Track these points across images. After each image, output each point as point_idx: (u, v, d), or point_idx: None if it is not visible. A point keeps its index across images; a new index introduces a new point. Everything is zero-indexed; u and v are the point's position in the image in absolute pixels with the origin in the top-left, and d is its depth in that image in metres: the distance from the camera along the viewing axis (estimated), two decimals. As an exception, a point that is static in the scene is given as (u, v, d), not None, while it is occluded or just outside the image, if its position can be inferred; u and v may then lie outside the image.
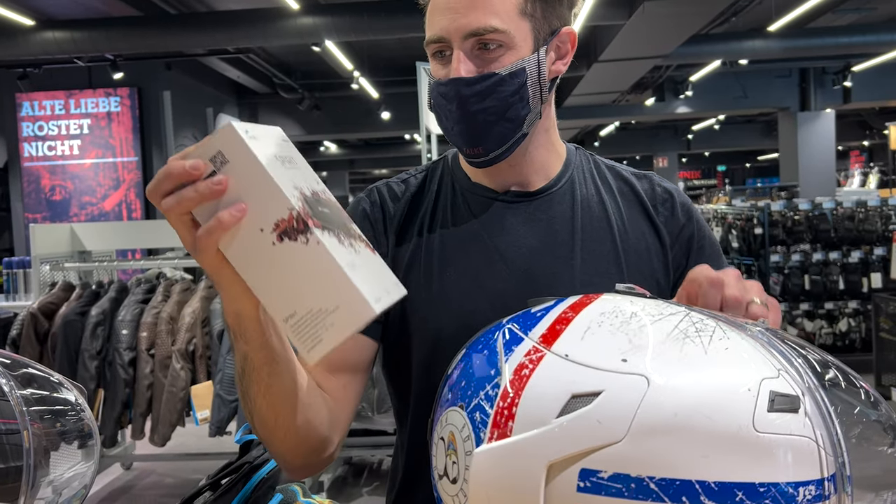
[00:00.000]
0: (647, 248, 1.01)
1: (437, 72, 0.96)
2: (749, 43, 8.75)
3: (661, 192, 1.05)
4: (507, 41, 0.91)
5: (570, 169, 1.05)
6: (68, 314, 3.70)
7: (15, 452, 0.73)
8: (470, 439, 0.57)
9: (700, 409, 0.51)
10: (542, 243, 1.00)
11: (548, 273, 0.98)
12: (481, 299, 0.98)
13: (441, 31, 0.92)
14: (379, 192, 1.08)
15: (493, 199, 1.03)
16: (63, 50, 6.72)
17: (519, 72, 0.93)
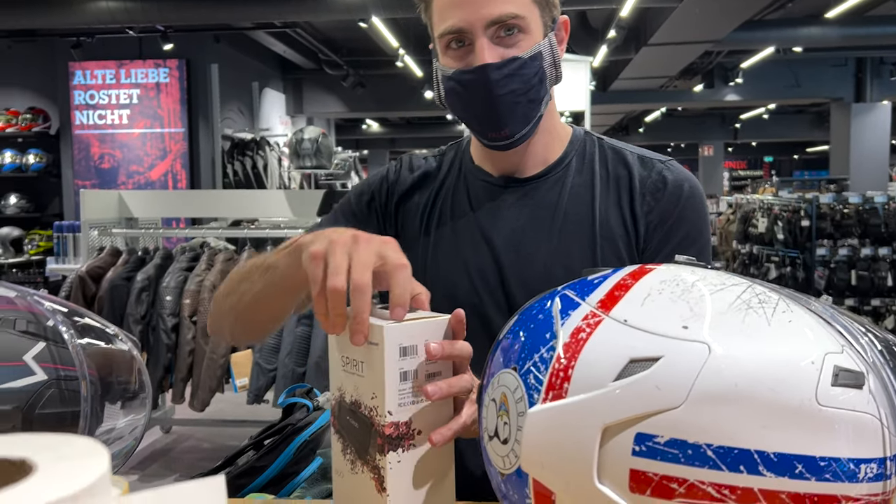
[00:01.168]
0: (620, 236, 1.04)
1: (453, 63, 1.00)
2: (805, 30, 8.50)
3: (655, 180, 1.05)
4: (524, 26, 0.97)
5: (570, 156, 1.09)
6: (115, 279, 3.79)
7: (72, 398, 0.75)
8: (523, 400, 0.57)
9: (762, 380, 0.51)
10: (525, 226, 1.06)
11: (524, 254, 1.04)
12: (463, 274, 1.07)
13: (461, 22, 0.97)
14: (404, 161, 1.19)
15: (489, 183, 1.10)
16: (116, 20, 6.82)
17: (537, 55, 0.99)
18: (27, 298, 0.76)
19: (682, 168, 1.08)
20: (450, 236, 1.09)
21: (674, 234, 1.03)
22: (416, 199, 1.15)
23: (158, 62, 8.03)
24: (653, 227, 1.03)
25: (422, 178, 1.16)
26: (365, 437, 0.76)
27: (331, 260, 0.72)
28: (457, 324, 0.77)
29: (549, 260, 1.03)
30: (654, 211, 1.04)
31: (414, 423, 0.75)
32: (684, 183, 1.05)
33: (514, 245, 1.05)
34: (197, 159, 8.14)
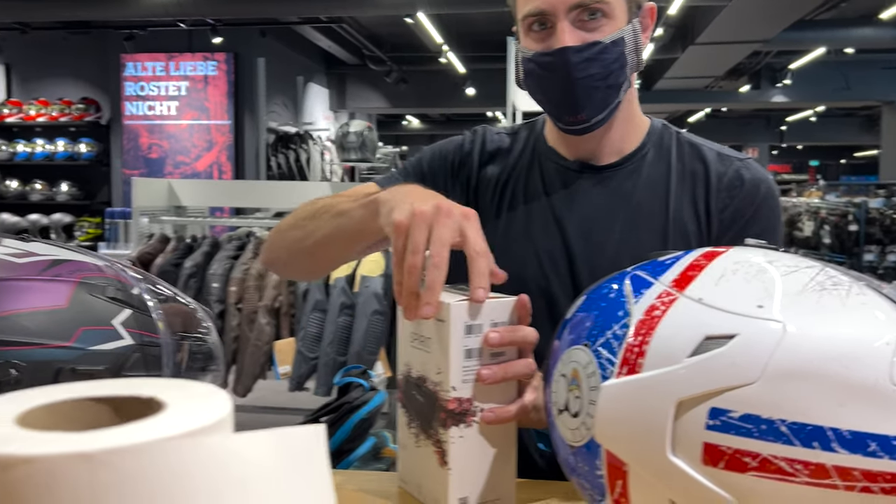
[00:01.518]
0: (692, 232, 1.04)
1: (534, 45, 1.00)
2: (858, 31, 8.32)
3: (731, 178, 1.04)
4: (608, 10, 0.96)
5: (647, 147, 1.09)
6: (164, 265, 3.88)
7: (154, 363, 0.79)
8: (595, 375, 0.59)
9: (837, 358, 0.52)
10: (597, 214, 1.06)
11: (595, 241, 1.05)
12: (532, 256, 1.07)
13: (544, 4, 0.97)
14: (479, 133, 1.19)
15: (564, 167, 1.10)
16: (168, 13, 6.97)
17: (619, 40, 0.98)
18: (114, 267, 0.80)
19: (760, 168, 1.07)
20: (522, 217, 1.09)
21: (746, 233, 1.01)
22: (489, 172, 1.15)
23: (207, 55, 8.17)
24: (726, 224, 1.03)
25: (495, 152, 1.16)
26: (429, 412, 0.78)
27: (412, 233, 0.74)
28: (521, 308, 0.79)
29: (619, 249, 1.03)
30: (728, 208, 1.03)
31: (477, 401, 0.77)
32: (761, 183, 1.04)
33: (586, 232, 1.06)
34: (242, 151, 8.27)
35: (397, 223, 0.75)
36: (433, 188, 1.14)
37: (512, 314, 0.78)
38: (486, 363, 0.76)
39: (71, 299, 0.72)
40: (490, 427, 0.77)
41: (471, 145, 1.16)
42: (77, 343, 0.70)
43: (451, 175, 1.16)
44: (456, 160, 1.16)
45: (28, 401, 0.37)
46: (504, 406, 0.77)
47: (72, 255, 0.78)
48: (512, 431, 0.80)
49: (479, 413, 0.76)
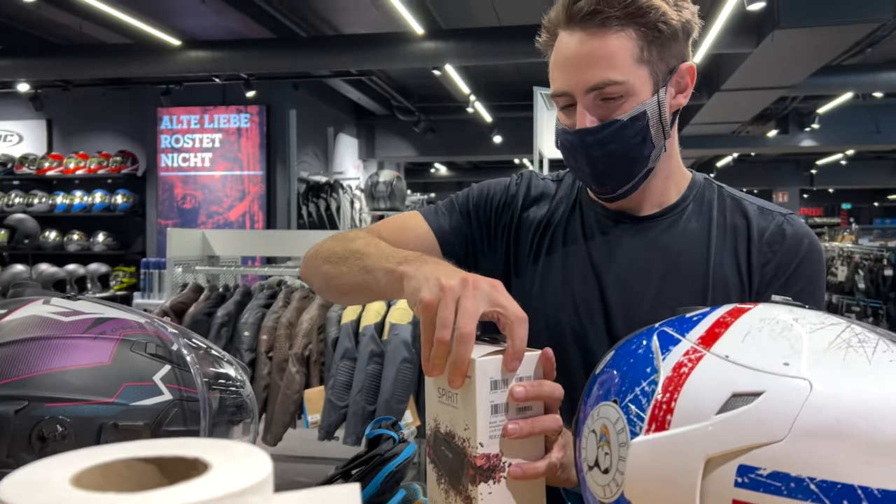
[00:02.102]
0: (733, 286, 1.03)
1: (564, 120, 1.04)
2: (885, 75, 8.29)
3: (774, 232, 1.05)
4: (626, 90, 0.98)
5: (688, 200, 1.10)
6: (197, 314, 3.95)
7: (193, 418, 0.81)
8: (624, 431, 0.60)
9: (864, 416, 0.52)
10: (636, 265, 1.06)
11: (632, 293, 1.05)
12: (569, 304, 1.08)
13: (563, 86, 1.01)
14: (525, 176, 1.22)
15: (603, 217, 1.11)
16: (204, 68, 7.20)
17: (640, 115, 0.99)
18: (154, 324, 0.83)
19: (803, 223, 1.07)
20: (559, 264, 1.11)
21: (788, 289, 1.02)
22: (531, 215, 1.17)
23: (240, 108, 8.40)
24: (767, 279, 1.03)
25: (539, 197, 1.18)
26: (458, 467, 0.79)
27: (440, 309, 0.75)
28: (546, 362, 0.79)
29: (656, 301, 1.04)
30: (770, 263, 1.03)
31: (505, 456, 0.77)
32: (804, 238, 1.05)
33: (623, 283, 1.06)
34: (274, 201, 8.42)
35: (426, 303, 0.76)
36: (476, 225, 1.17)
37: (537, 368, 0.79)
38: (513, 418, 0.77)
39: (114, 356, 0.75)
40: (519, 483, 0.77)
41: (516, 188, 1.19)
42: (120, 399, 0.73)
43: (496, 215, 1.18)
44: (502, 202, 1.18)
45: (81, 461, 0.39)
46: (532, 462, 0.78)
47: (115, 312, 0.81)
48: (541, 487, 0.80)
49: (507, 468, 0.77)
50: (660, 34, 0.98)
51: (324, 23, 7.85)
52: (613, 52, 0.97)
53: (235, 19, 6.92)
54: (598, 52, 0.97)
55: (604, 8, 0.96)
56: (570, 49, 0.99)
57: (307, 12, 7.49)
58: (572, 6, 0.98)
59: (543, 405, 0.79)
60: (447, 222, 1.16)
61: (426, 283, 0.78)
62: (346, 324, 3.76)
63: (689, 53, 1.04)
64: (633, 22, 0.96)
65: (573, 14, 0.98)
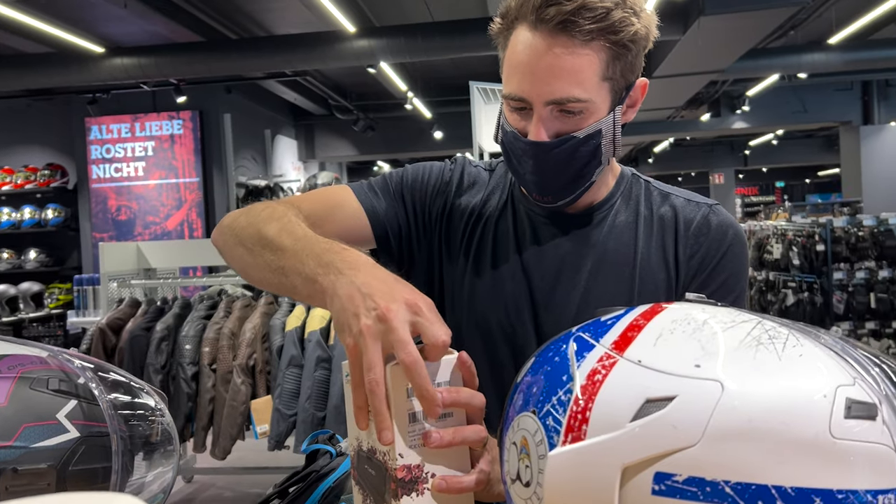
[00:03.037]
0: (661, 280, 1.04)
1: (513, 121, 0.99)
2: (808, 56, 8.56)
3: (699, 223, 1.05)
4: (587, 107, 0.94)
5: (616, 197, 1.09)
6: (134, 329, 3.83)
7: (104, 454, 0.77)
8: (543, 443, 0.59)
9: (775, 415, 0.52)
10: (564, 261, 1.05)
11: (561, 291, 1.04)
12: (499, 303, 1.06)
13: (521, 92, 0.94)
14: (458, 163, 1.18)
15: (535, 215, 1.09)
16: (130, 76, 6.99)
17: (595, 133, 0.96)
18: (58, 357, 0.79)
19: (727, 214, 1.08)
20: (490, 262, 1.09)
21: (713, 280, 1.03)
22: (463, 203, 1.14)
23: (172, 114, 8.19)
24: (694, 270, 1.03)
25: (472, 184, 1.15)
26: (381, 484, 0.76)
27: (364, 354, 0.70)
28: (462, 367, 0.75)
29: (583, 301, 1.03)
30: (696, 255, 1.03)
31: (427, 467, 0.74)
32: (729, 229, 1.05)
33: (551, 283, 1.05)
34: (212, 208, 8.25)
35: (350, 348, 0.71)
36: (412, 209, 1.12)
37: (454, 373, 0.76)
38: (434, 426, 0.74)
39: (11, 396, 0.70)
40: (444, 496, 0.75)
41: (450, 173, 1.16)
42: (19, 441, 0.69)
43: (430, 200, 1.14)
44: (436, 187, 1.14)
45: None
46: (458, 476, 0.75)
47: (13, 348, 0.77)
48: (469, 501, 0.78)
49: (430, 479, 0.74)
50: (626, 52, 0.94)
51: (254, 24, 7.70)
52: (580, 67, 0.92)
53: (161, 24, 6.74)
54: (565, 66, 0.91)
55: (577, 20, 0.90)
56: (534, 55, 0.92)
57: (236, 14, 7.34)
58: (543, 10, 0.91)
59: (466, 415, 0.77)
60: (380, 204, 1.10)
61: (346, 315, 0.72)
62: (290, 331, 3.70)
63: (642, 66, 1.01)
64: (604, 37, 0.91)
65: (542, 18, 0.91)
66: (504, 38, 0.98)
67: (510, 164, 1.03)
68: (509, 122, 1.00)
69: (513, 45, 0.95)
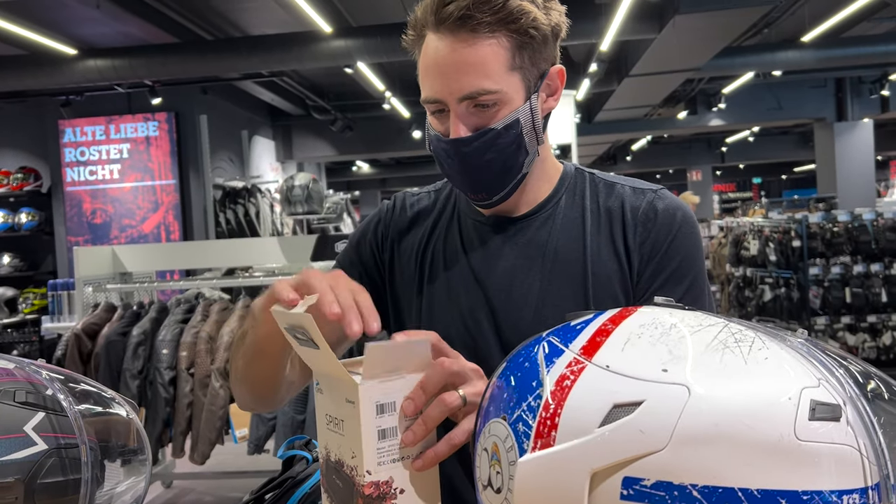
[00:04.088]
0: (613, 272, 1.04)
1: (436, 125, 1.02)
2: (782, 54, 8.66)
3: (646, 210, 1.05)
4: (500, 98, 0.96)
5: (560, 194, 1.10)
6: (110, 334, 3.79)
7: (73, 466, 0.76)
8: (513, 449, 0.59)
9: (741, 418, 0.52)
10: (515, 267, 1.06)
11: (516, 296, 1.05)
12: (457, 316, 1.07)
13: (435, 93, 0.98)
14: (398, 200, 1.20)
15: (480, 223, 1.10)
16: (104, 77, 6.91)
17: (513, 123, 0.98)
18: (26, 369, 0.78)
19: (673, 197, 1.07)
20: (443, 278, 1.09)
21: (666, 265, 1.02)
22: (410, 238, 1.15)
23: (147, 116, 8.11)
24: (646, 258, 1.03)
25: (415, 217, 1.16)
26: (348, 497, 0.75)
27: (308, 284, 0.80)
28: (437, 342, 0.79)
29: (539, 301, 1.03)
30: (647, 242, 1.03)
31: (396, 482, 0.74)
32: (676, 211, 1.04)
33: (506, 287, 1.05)
34: (189, 210, 8.18)
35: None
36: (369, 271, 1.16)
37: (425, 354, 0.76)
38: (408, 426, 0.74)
39: (-25, 410, 0.69)
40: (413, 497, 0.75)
41: (389, 214, 1.18)
42: (-16, 456, 0.68)
43: (378, 250, 1.17)
44: (378, 234, 1.17)
45: None
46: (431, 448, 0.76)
47: (-22, 360, 0.75)
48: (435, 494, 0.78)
49: (399, 495, 0.74)
50: (531, 39, 0.96)
51: (230, 25, 7.65)
52: (486, 59, 0.94)
53: (135, 25, 6.67)
54: (470, 60, 0.94)
55: (474, 13, 0.92)
56: (440, 55, 0.96)
57: (210, 14, 7.28)
58: (441, 10, 0.94)
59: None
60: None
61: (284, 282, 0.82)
62: (268, 333, 3.68)
63: (558, 56, 1.03)
64: (504, 28, 0.94)
65: (442, 18, 0.94)
66: (417, 49, 1.01)
67: (443, 170, 1.05)
68: (433, 127, 1.02)
69: (423, 52, 0.99)
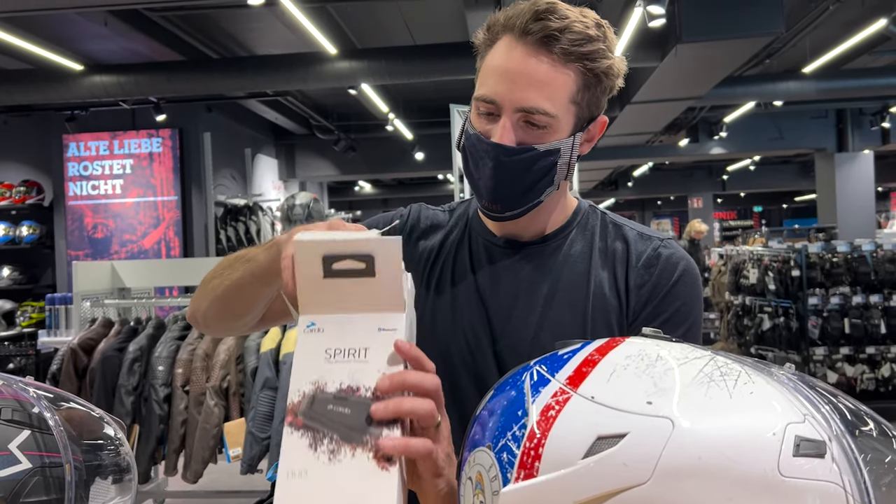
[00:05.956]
0: (612, 308, 1.06)
1: (478, 124, 1.02)
2: (784, 84, 8.71)
3: (650, 255, 1.07)
4: (552, 123, 0.98)
5: (572, 226, 1.12)
6: (107, 350, 3.78)
7: (57, 485, 0.76)
8: (497, 479, 0.59)
9: (725, 453, 0.52)
10: (520, 288, 1.08)
11: (516, 319, 1.06)
12: (458, 332, 1.08)
13: (494, 94, 0.99)
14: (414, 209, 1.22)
15: (490, 244, 1.12)
16: (109, 93, 6.96)
17: (554, 151, 1.00)
18: (13, 386, 0.78)
19: (679, 248, 1.10)
20: (448, 292, 1.11)
21: (663, 310, 1.04)
22: (420, 247, 1.17)
23: (151, 132, 8.16)
24: (643, 300, 1.04)
25: (429, 227, 1.18)
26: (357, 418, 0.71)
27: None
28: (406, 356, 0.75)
29: (538, 327, 1.05)
30: (646, 285, 1.05)
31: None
32: (680, 261, 1.07)
33: (508, 309, 1.07)
34: (190, 226, 8.19)
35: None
36: None
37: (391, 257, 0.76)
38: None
39: (-39, 427, 0.69)
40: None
41: (402, 222, 1.18)
42: (-33, 473, 0.67)
43: None
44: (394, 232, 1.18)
45: None
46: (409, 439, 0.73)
47: (-35, 377, 0.75)
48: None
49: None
50: (598, 83, 1.00)
51: (235, 44, 7.71)
52: (554, 83, 0.97)
53: (142, 42, 6.72)
54: (540, 77, 0.96)
55: (561, 38, 0.95)
56: (514, 61, 0.97)
57: (217, 33, 7.35)
58: (530, 22, 0.96)
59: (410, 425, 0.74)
60: None
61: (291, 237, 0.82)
62: (265, 353, 3.66)
63: (605, 106, 1.06)
64: (580, 62, 0.97)
65: (528, 30, 0.96)
66: (486, 48, 1.03)
67: (467, 170, 1.06)
68: (474, 125, 1.03)
69: (494, 51, 1.00)
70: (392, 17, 7.08)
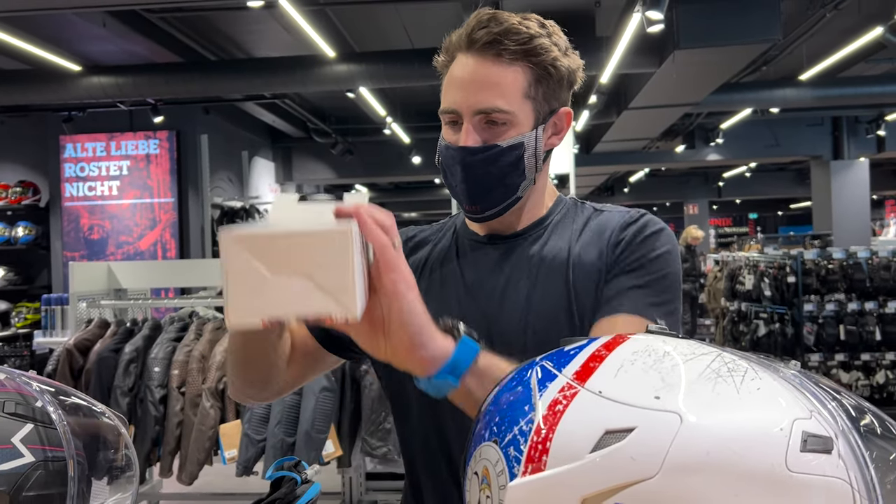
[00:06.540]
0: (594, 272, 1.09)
1: (448, 136, 1.11)
2: (780, 92, 8.75)
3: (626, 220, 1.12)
4: (510, 119, 1.06)
5: (553, 215, 1.18)
6: (102, 351, 3.76)
7: (60, 479, 0.76)
8: (504, 473, 0.59)
9: (732, 448, 0.52)
10: (505, 280, 1.13)
11: (507, 303, 1.11)
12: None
13: (453, 104, 1.08)
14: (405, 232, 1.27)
15: (475, 242, 1.19)
16: (107, 94, 6.95)
17: (518, 145, 1.07)
18: (16, 380, 0.77)
19: (658, 219, 1.14)
20: (437, 291, 1.16)
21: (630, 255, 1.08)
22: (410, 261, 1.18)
23: (149, 134, 8.15)
24: (619, 252, 1.09)
25: (418, 244, 1.24)
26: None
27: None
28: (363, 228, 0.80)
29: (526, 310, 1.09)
30: (622, 242, 1.10)
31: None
32: (656, 224, 1.11)
33: (497, 298, 1.11)
34: (186, 228, 8.18)
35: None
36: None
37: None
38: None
39: (-36, 419, 0.69)
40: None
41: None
42: (-30, 466, 0.67)
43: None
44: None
45: None
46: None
47: (-31, 370, 0.75)
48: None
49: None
50: (548, 76, 1.07)
51: (234, 46, 7.72)
52: (505, 82, 1.04)
53: (140, 44, 6.72)
54: (491, 80, 1.04)
55: (503, 40, 1.03)
56: (465, 71, 1.06)
57: (216, 35, 7.35)
58: (473, 33, 1.05)
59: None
60: None
61: None
62: (261, 354, 3.66)
63: (569, 101, 1.13)
64: (527, 59, 1.04)
65: (473, 41, 1.05)
66: (445, 69, 1.12)
67: (446, 180, 1.13)
68: (445, 138, 1.11)
69: (451, 69, 1.09)
70: (391, 20, 7.10)
